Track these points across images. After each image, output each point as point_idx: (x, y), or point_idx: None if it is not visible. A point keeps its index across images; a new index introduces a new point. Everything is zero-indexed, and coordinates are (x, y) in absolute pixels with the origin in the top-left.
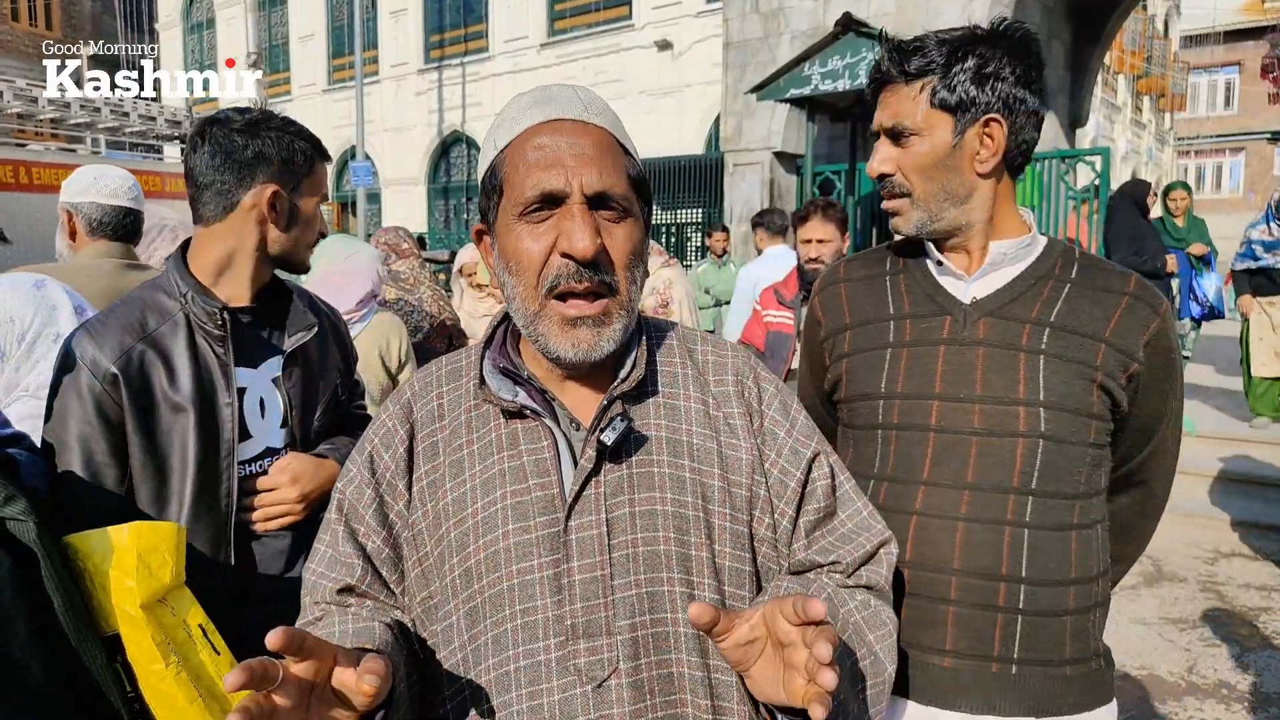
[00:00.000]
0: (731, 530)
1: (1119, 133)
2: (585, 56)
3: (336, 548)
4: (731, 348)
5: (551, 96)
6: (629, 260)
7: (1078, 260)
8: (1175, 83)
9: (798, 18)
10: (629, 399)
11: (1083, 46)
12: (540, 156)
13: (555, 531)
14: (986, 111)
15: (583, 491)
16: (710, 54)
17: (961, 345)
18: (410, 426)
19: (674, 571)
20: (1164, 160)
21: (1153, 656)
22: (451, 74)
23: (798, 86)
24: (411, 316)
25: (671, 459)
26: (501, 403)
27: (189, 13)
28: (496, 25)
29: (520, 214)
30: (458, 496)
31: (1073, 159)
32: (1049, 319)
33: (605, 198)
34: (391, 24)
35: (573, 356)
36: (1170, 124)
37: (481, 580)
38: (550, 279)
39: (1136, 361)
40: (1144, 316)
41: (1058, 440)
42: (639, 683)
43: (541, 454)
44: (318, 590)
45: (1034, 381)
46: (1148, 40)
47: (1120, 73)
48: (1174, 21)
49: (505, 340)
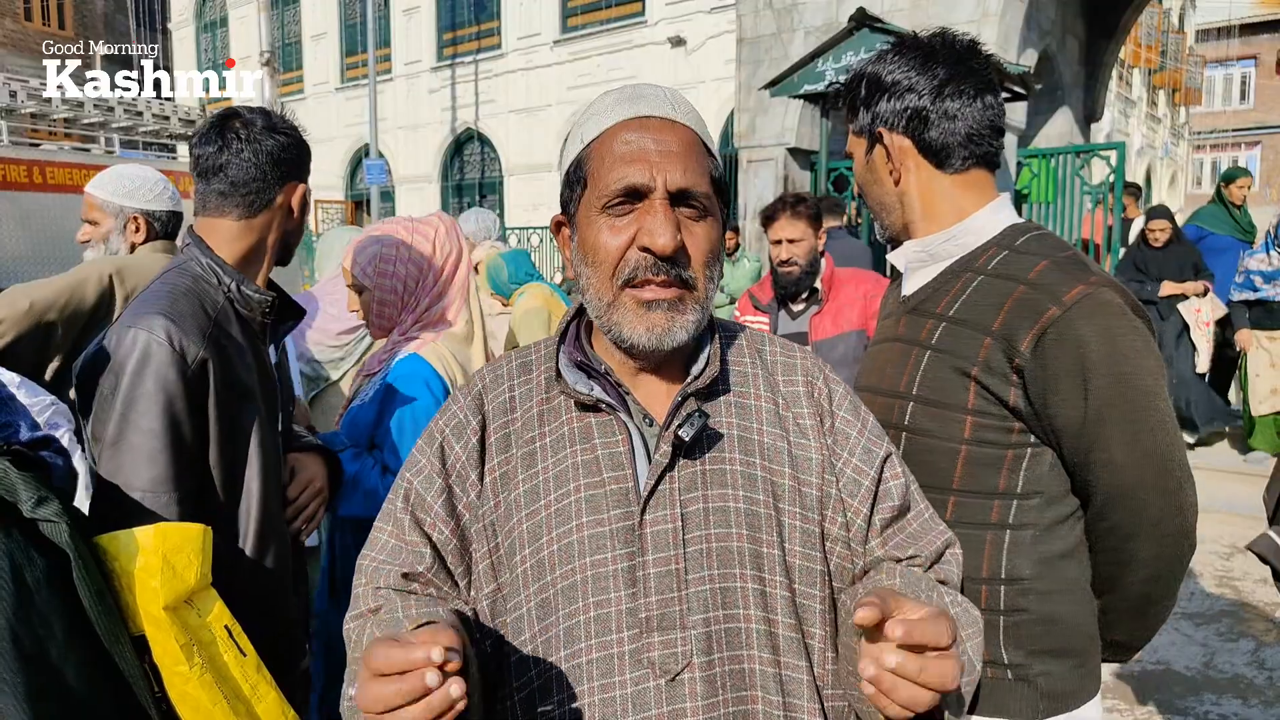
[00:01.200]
0: (802, 529)
1: (1134, 127)
2: (598, 53)
3: (402, 536)
4: (799, 349)
5: (640, 94)
6: (707, 258)
7: (1014, 248)
8: (1190, 77)
9: (811, 13)
10: (700, 397)
11: (1097, 41)
12: (626, 151)
13: (630, 525)
14: (874, 125)
15: (657, 486)
16: (723, 50)
17: (887, 342)
18: (482, 418)
19: (746, 568)
20: (1179, 155)
21: (1169, 651)
22: (464, 71)
23: (811, 82)
24: None
25: (743, 457)
26: (577, 396)
27: (201, 12)
28: (509, 22)
29: (603, 207)
30: (530, 489)
31: (1088, 154)
32: (949, 313)
33: (687, 195)
34: (404, 22)
35: (647, 342)
36: (1186, 118)
37: (554, 572)
38: (627, 271)
39: (1019, 356)
40: (1036, 306)
41: (925, 434)
42: (711, 677)
43: (616, 448)
44: (379, 577)
45: (912, 375)
46: (1163, 34)
47: (1135, 67)
48: (1189, 15)
49: (579, 334)
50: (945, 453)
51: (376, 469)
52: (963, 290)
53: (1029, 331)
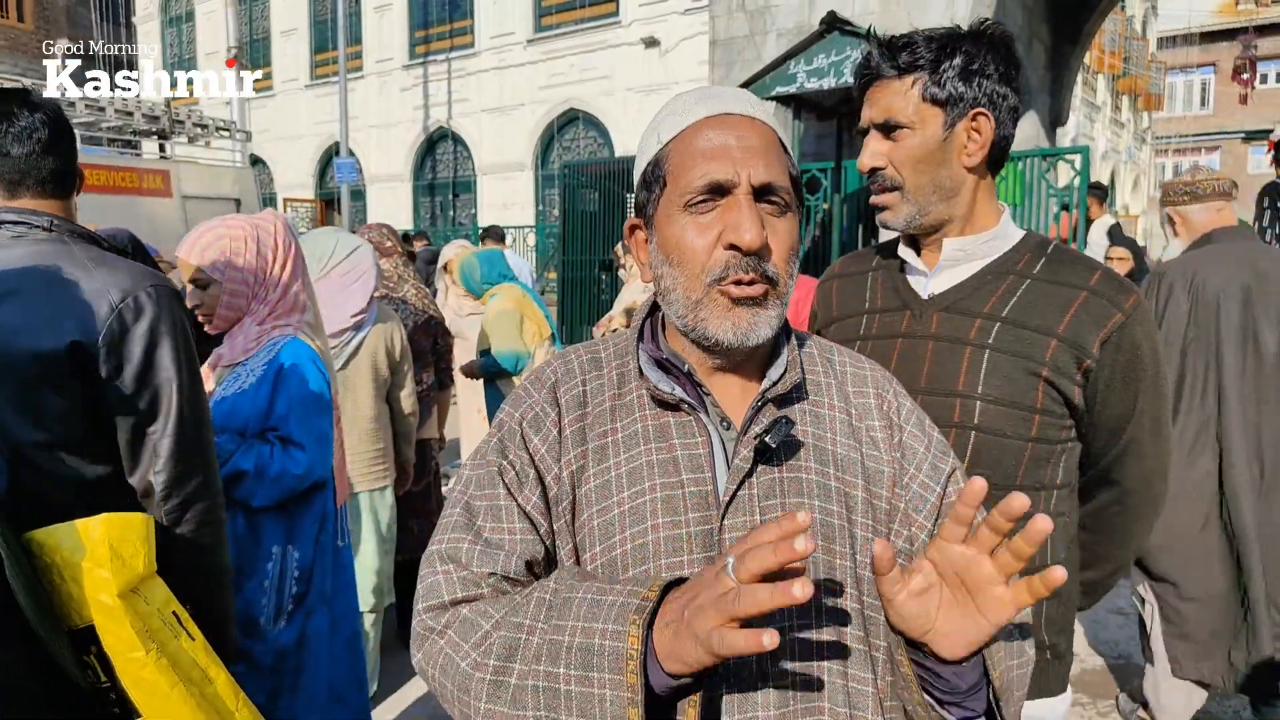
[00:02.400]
0: (872, 542)
1: (1099, 131)
2: (572, 53)
3: (509, 527)
4: (868, 361)
5: (717, 93)
6: (789, 255)
7: (1048, 255)
8: (1153, 83)
9: (783, 16)
10: (777, 403)
11: (1062, 47)
12: (709, 148)
13: (709, 529)
14: (974, 106)
15: (738, 491)
16: (697, 51)
17: (915, 339)
18: (558, 409)
19: (820, 579)
20: (1142, 159)
21: (1130, 645)
22: (437, 70)
23: (783, 84)
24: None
25: (819, 466)
26: (659, 394)
27: (167, 6)
28: (482, 21)
29: (685, 204)
30: (601, 484)
31: (1054, 157)
32: (1001, 314)
33: (770, 190)
34: (376, 19)
35: (732, 338)
36: (1148, 123)
37: (628, 572)
38: (716, 271)
39: (1090, 358)
40: (1102, 312)
41: (992, 433)
42: (783, 686)
43: (695, 449)
44: (493, 563)
45: (974, 375)
46: (1126, 41)
47: (1100, 73)
48: (1151, 23)
49: (655, 333)
50: (1013, 451)
51: (276, 449)
52: (1011, 292)
53: (1096, 335)
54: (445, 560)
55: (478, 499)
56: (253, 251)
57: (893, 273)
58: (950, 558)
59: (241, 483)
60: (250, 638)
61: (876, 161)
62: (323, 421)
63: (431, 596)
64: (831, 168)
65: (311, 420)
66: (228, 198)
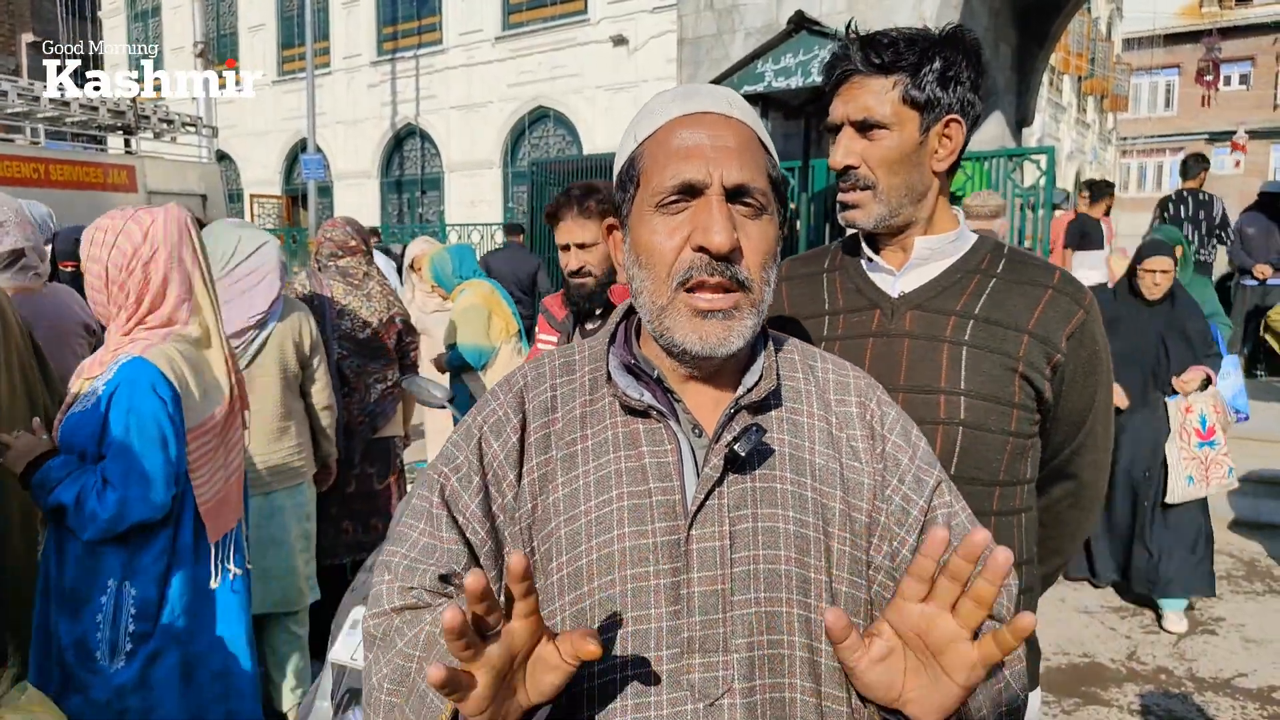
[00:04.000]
0: (851, 555)
1: (1064, 132)
2: (541, 50)
3: (437, 535)
4: (852, 367)
5: (696, 91)
6: (764, 258)
7: (1005, 256)
8: (1118, 84)
9: (751, 15)
10: (752, 410)
11: (1029, 47)
12: (681, 147)
13: (676, 539)
14: (948, 111)
15: (706, 501)
16: (665, 50)
17: (889, 337)
18: (523, 416)
19: (793, 593)
20: (1107, 159)
21: (1095, 644)
22: (405, 66)
23: (751, 83)
24: (359, 312)
25: (794, 476)
26: (627, 400)
27: (134, 1)
28: (450, 18)
29: (657, 205)
30: (569, 493)
31: (1019, 157)
32: (973, 311)
33: (744, 191)
34: (343, 15)
35: (699, 349)
36: (1113, 124)
37: (592, 582)
38: (681, 273)
39: (1059, 352)
40: (1067, 309)
41: (977, 427)
42: (752, 705)
43: (664, 457)
44: (412, 576)
45: (955, 371)
46: (1092, 42)
47: (1066, 74)
48: (1116, 24)
49: (628, 337)
50: (997, 445)
51: (97, 488)
52: (980, 290)
53: (1062, 331)
54: (385, 571)
55: (422, 501)
56: (110, 244)
57: (851, 273)
58: (909, 619)
59: (65, 516)
60: (86, 669)
61: (850, 160)
62: (147, 458)
63: (375, 605)
64: (799, 167)
65: (129, 457)
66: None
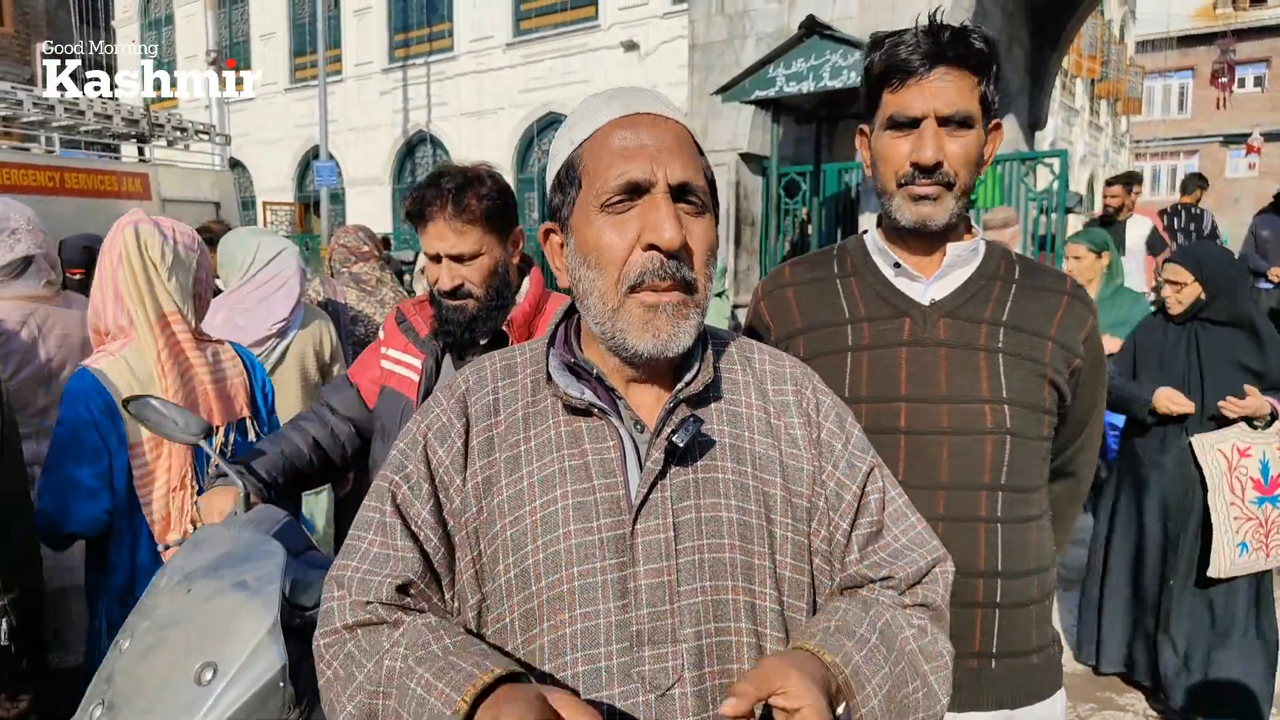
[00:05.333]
0: (794, 541)
1: (1077, 135)
2: (551, 56)
3: (390, 544)
4: (788, 357)
5: (627, 93)
6: (706, 257)
7: (1018, 262)
8: (1131, 87)
9: (762, 20)
10: (692, 403)
11: (1042, 51)
12: (624, 147)
13: (621, 534)
14: (998, 115)
15: (650, 494)
16: (676, 55)
17: (923, 346)
18: (466, 420)
19: (738, 580)
20: (1120, 163)
21: None
22: (416, 73)
23: (762, 88)
24: (374, 318)
25: (735, 465)
26: (568, 399)
27: (147, 9)
28: (461, 24)
29: (602, 205)
30: (514, 494)
31: (1032, 161)
32: (1002, 318)
33: (687, 189)
34: (355, 22)
35: (651, 349)
36: (1127, 127)
37: (539, 582)
38: (634, 276)
39: (1078, 357)
40: (1081, 314)
41: (1022, 436)
42: (702, 692)
43: (607, 454)
44: (367, 589)
45: (995, 379)
46: (1105, 45)
47: (1078, 76)
48: (1130, 27)
49: (568, 336)
50: (1036, 452)
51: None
52: (1004, 297)
53: (1079, 336)
54: (337, 586)
55: (371, 511)
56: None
57: (870, 279)
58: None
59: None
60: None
61: (941, 156)
62: (72, 470)
63: (326, 622)
64: (810, 171)
65: (56, 470)
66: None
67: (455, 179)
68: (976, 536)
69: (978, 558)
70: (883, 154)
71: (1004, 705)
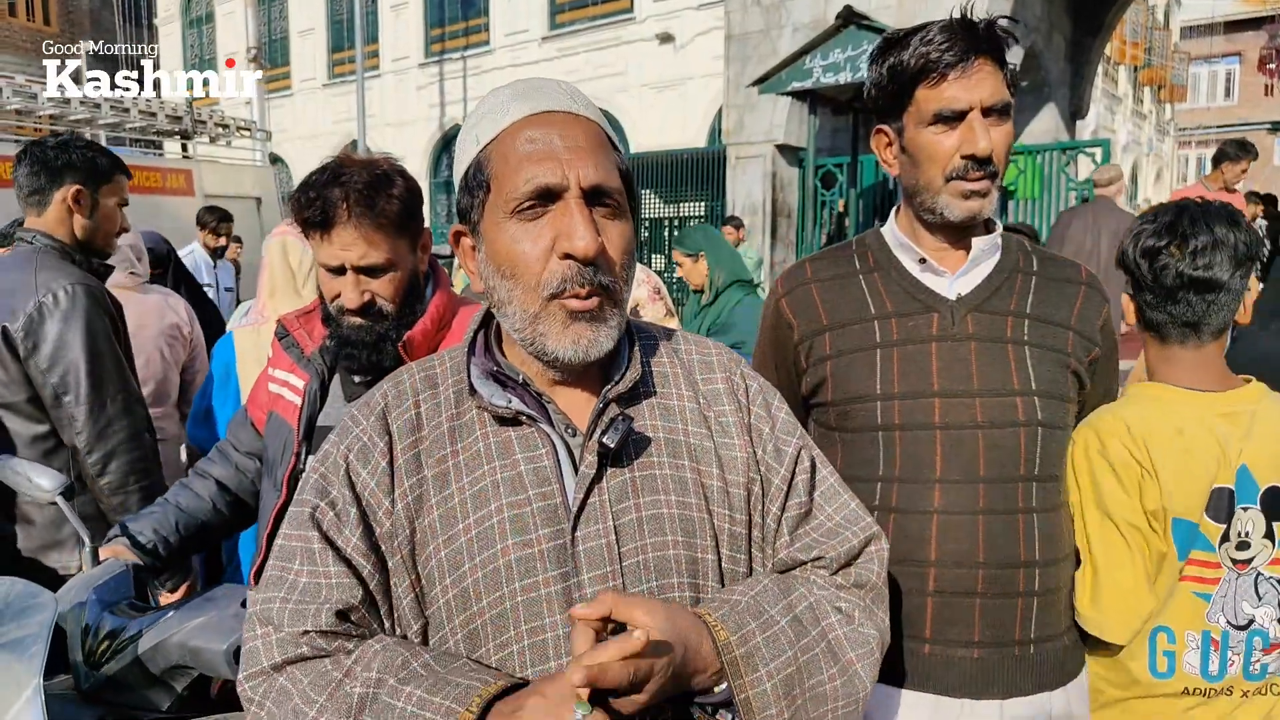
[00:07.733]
0: (730, 532)
1: (1120, 124)
2: (586, 50)
3: (323, 572)
4: (714, 345)
5: (534, 89)
6: (625, 259)
7: (1034, 253)
8: (1176, 74)
9: (799, 10)
10: (623, 401)
11: (1083, 38)
12: (532, 149)
13: (561, 544)
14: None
15: (587, 499)
16: (712, 47)
17: (954, 341)
18: (389, 438)
19: (683, 576)
20: (1165, 151)
21: None
22: (452, 68)
23: (799, 79)
24: None
25: (672, 460)
26: (494, 409)
27: (188, 8)
28: (497, 18)
29: (513, 211)
30: (445, 512)
31: (1074, 150)
32: (1025, 310)
33: (601, 191)
34: (392, 17)
35: (572, 355)
36: (1171, 115)
37: (480, 601)
38: (553, 285)
39: (1097, 346)
40: (1098, 303)
41: (1051, 426)
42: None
43: (540, 461)
44: (302, 618)
45: (1024, 371)
46: (1148, 31)
47: (1121, 64)
48: (1174, 12)
49: (489, 344)
50: (1063, 442)
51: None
52: (1025, 289)
53: (1096, 325)
54: (261, 623)
55: (294, 540)
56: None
57: (895, 275)
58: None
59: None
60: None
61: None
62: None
63: (250, 664)
64: (847, 163)
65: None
66: (248, 196)
67: (363, 177)
68: (1017, 528)
69: (1019, 549)
70: (926, 150)
71: (1044, 688)
